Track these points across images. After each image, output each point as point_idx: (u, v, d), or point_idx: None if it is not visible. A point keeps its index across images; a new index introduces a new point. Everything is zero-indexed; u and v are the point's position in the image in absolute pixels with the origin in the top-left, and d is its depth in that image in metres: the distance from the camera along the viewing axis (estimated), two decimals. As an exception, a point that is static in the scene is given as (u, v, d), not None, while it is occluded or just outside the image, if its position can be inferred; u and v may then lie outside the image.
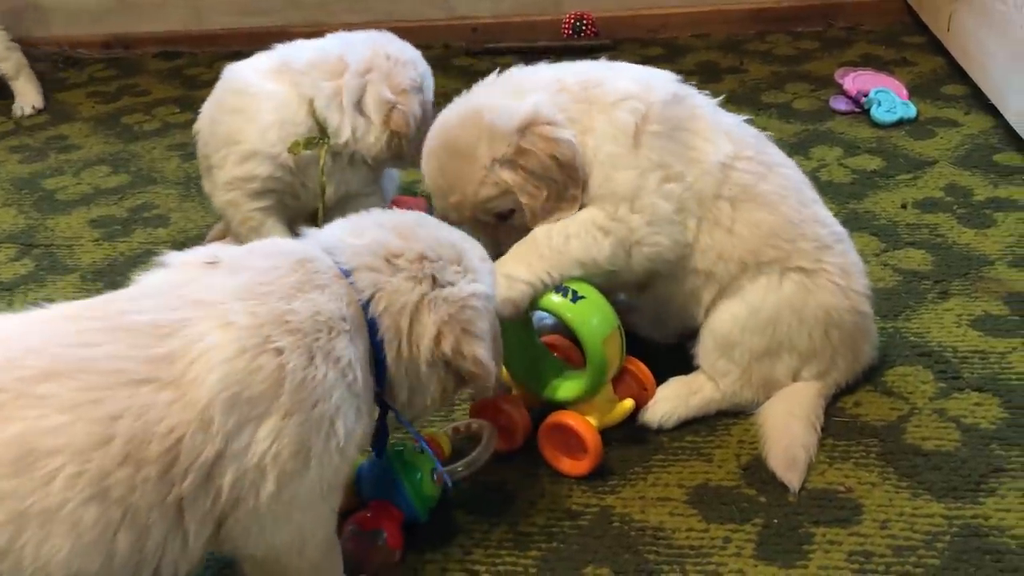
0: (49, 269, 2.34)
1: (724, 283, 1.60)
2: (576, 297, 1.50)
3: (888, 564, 1.37)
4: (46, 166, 2.94)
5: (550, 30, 3.59)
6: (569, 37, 3.56)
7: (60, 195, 2.73)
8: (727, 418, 1.66)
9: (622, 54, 3.39)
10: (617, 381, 1.61)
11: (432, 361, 1.27)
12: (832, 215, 1.70)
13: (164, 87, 3.54)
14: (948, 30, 2.99)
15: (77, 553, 1.03)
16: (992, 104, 2.63)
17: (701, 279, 1.60)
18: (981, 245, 2.09)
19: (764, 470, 1.54)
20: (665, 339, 1.77)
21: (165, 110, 3.31)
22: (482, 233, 1.56)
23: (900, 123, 2.68)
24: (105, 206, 2.64)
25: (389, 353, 1.24)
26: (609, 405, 1.57)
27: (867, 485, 1.50)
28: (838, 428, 1.62)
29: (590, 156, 1.54)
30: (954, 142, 2.55)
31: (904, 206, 2.27)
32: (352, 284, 1.22)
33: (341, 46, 2.02)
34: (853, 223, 2.10)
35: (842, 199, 2.31)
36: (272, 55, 2.05)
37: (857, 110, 2.79)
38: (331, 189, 2.02)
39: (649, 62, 2.08)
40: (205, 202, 2.27)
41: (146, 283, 1.21)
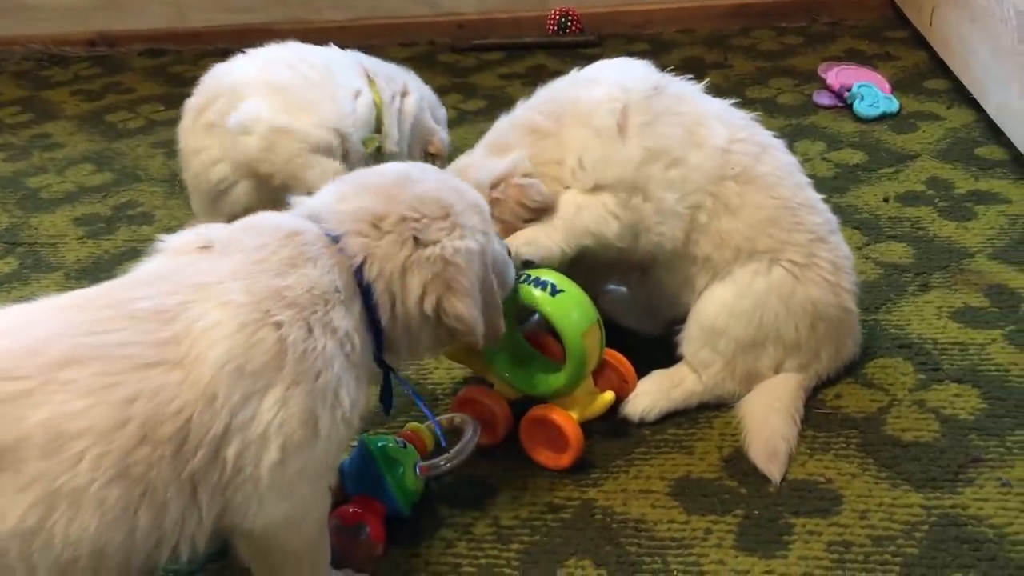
0: (33, 267, 2.33)
1: (718, 269, 1.62)
2: (555, 291, 1.50)
3: (867, 554, 1.38)
4: (30, 164, 2.93)
5: (536, 26, 3.60)
6: (554, 33, 3.57)
7: (44, 193, 2.72)
8: (709, 411, 1.66)
9: (607, 50, 3.41)
10: (597, 374, 1.62)
11: (423, 317, 1.30)
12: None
13: (149, 85, 3.53)
14: (931, 24, 3.01)
15: (103, 530, 1.07)
16: (974, 98, 2.65)
17: (699, 265, 1.62)
18: (962, 238, 2.10)
19: (745, 462, 1.55)
20: (651, 331, 1.78)
21: (149, 108, 3.30)
22: None
23: (883, 117, 2.69)
24: (89, 204, 2.63)
25: (384, 315, 1.27)
26: (590, 398, 1.58)
27: (847, 476, 1.51)
28: (818, 419, 1.63)
29: (576, 170, 1.58)
30: (936, 136, 2.57)
31: (886, 199, 2.28)
32: (342, 251, 1.25)
33: (403, 73, 2.30)
34: (836, 217, 2.10)
35: (825, 193, 2.27)
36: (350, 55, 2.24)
37: (840, 104, 2.80)
38: None
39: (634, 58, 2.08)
40: (189, 199, 2.27)
41: (144, 270, 1.24)
